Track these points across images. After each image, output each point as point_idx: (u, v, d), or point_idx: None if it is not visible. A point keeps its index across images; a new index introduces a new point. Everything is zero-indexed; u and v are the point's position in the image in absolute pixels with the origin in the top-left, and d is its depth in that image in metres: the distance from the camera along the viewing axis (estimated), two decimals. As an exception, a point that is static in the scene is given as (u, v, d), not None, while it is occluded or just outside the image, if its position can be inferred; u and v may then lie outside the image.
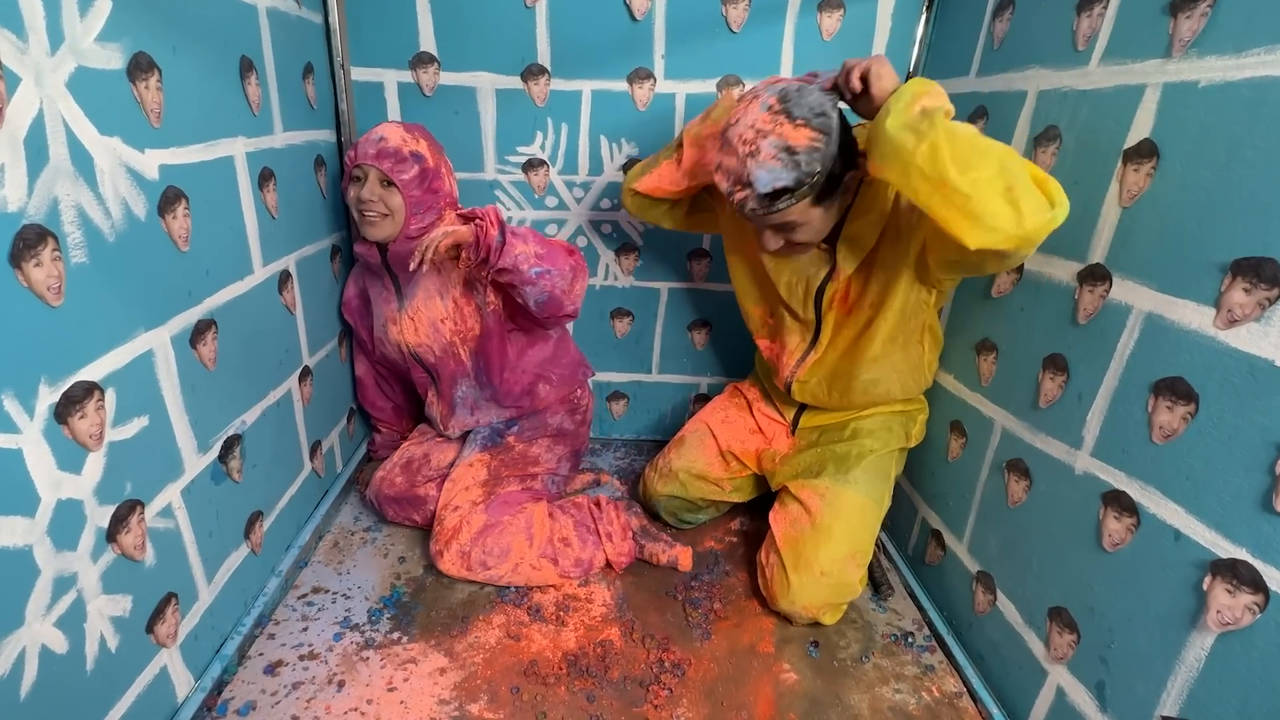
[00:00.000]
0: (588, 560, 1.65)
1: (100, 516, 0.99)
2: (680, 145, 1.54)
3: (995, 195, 1.05)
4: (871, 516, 1.59)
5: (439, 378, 1.78)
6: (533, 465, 1.76)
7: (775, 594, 1.55)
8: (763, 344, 1.75)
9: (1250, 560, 0.89)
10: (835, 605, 1.55)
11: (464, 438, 1.86)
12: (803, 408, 1.77)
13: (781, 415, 1.81)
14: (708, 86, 1.85)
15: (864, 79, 1.19)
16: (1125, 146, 1.12)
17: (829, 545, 1.52)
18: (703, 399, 2.26)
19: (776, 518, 1.64)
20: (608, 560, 1.68)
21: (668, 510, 1.84)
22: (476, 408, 1.78)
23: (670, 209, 1.66)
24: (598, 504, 1.75)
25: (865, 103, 1.21)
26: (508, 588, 1.61)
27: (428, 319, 1.68)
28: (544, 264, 1.46)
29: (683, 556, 1.71)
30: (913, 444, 1.69)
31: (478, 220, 1.45)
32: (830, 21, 1.80)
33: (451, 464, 1.78)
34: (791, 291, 1.57)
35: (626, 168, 1.94)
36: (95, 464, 0.97)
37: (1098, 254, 1.17)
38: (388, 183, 1.55)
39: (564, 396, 1.83)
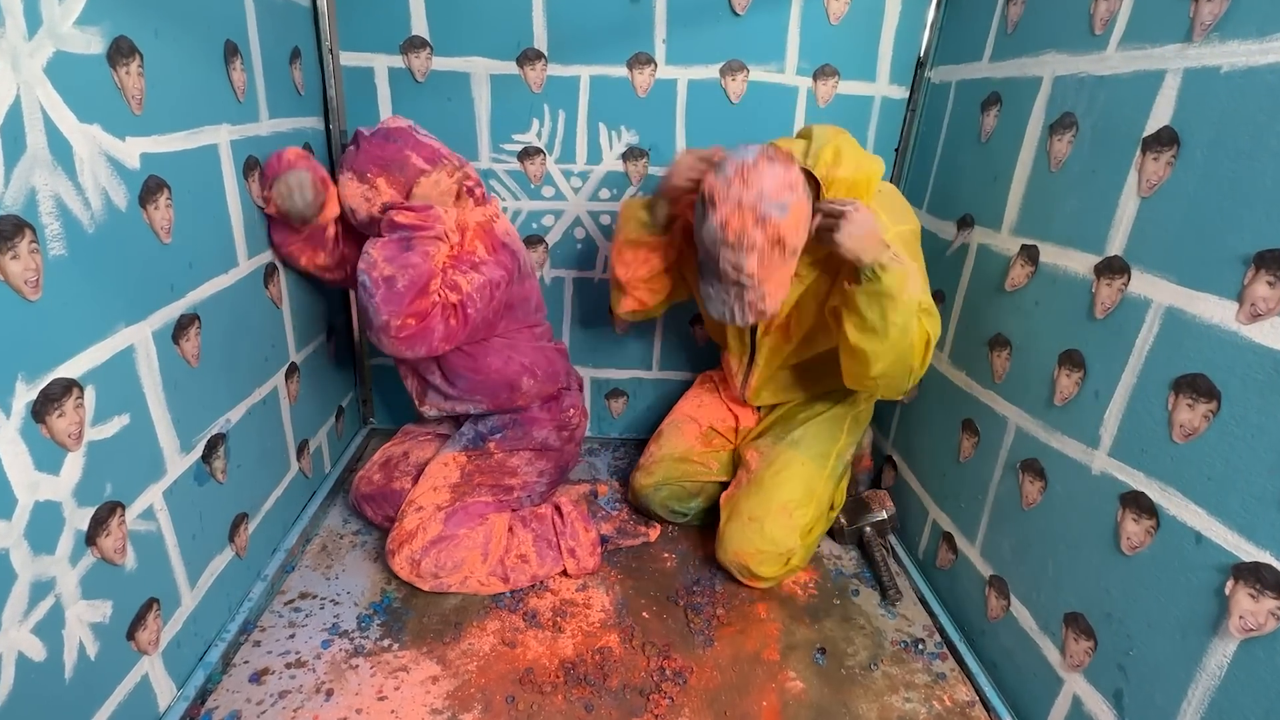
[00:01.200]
0: (544, 576, 1.67)
1: (79, 519, 0.99)
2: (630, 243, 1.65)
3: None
4: (809, 472, 1.68)
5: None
6: (509, 476, 1.74)
7: (715, 548, 1.70)
8: (725, 361, 1.92)
9: (1274, 564, 0.89)
10: (767, 556, 1.62)
11: (446, 437, 1.86)
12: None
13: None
14: (710, 72, 1.85)
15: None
16: (1144, 134, 1.12)
17: (758, 494, 1.64)
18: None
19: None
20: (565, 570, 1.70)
21: (659, 504, 1.87)
22: (450, 397, 1.75)
23: (669, 291, 1.74)
24: (560, 513, 1.74)
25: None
26: (503, 593, 1.62)
27: None
28: (372, 280, 1.40)
29: (651, 532, 1.84)
30: (861, 406, 1.81)
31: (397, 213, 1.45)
32: (838, 4, 1.80)
33: (429, 461, 1.78)
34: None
35: (626, 156, 1.94)
36: (74, 464, 0.97)
37: (1116, 246, 1.17)
38: None
39: (550, 398, 1.80)
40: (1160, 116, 1.09)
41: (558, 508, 1.76)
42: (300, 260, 1.61)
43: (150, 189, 1.11)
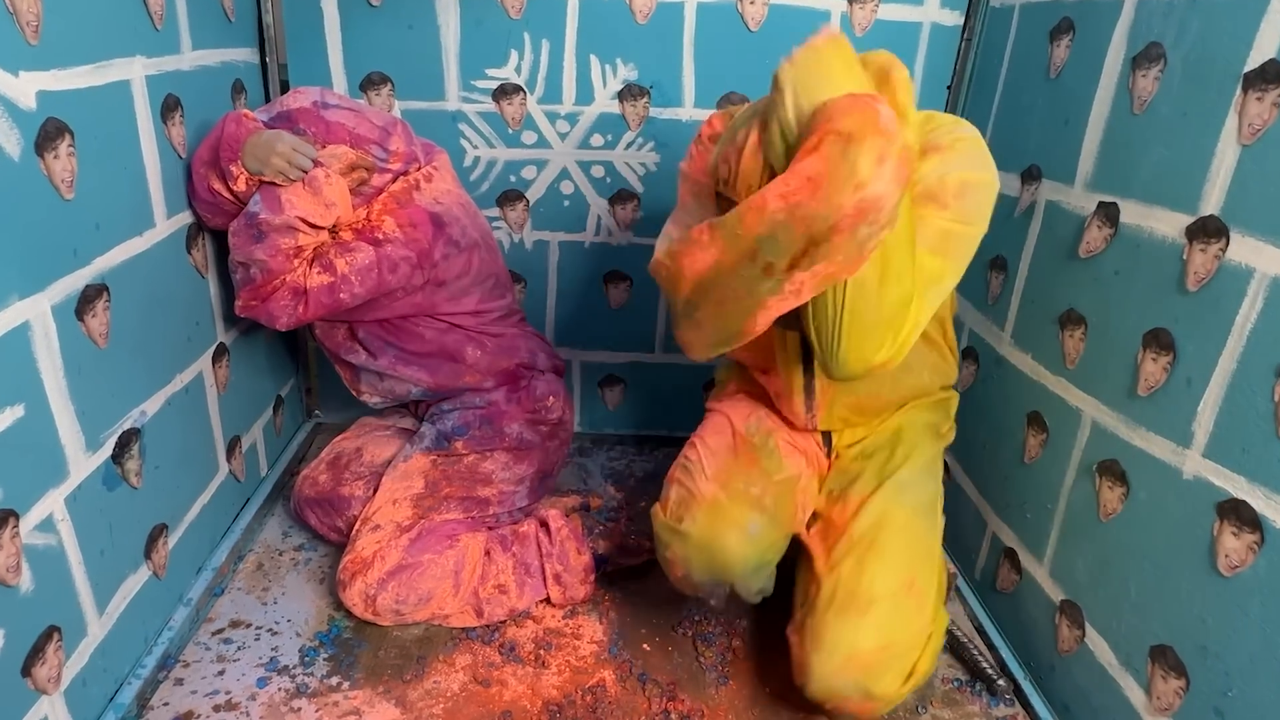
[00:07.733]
0: (524, 609, 1.67)
1: (-34, 529, 1.00)
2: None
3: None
4: (925, 529, 1.44)
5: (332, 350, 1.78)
6: (483, 486, 1.74)
7: (797, 668, 1.39)
8: (766, 380, 1.60)
9: (1397, 584, 0.90)
10: (893, 658, 1.32)
11: (407, 434, 1.86)
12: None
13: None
14: (725, -7, 1.85)
15: None
16: (1246, 69, 1.11)
17: (869, 566, 1.35)
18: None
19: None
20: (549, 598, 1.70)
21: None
22: (386, 376, 1.75)
23: None
24: (547, 529, 1.73)
25: None
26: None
27: None
28: (230, 264, 1.55)
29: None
30: (946, 441, 1.59)
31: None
32: (880, -89, 1.80)
33: (387, 462, 1.77)
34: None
35: (622, 95, 1.93)
36: (-41, 464, 0.98)
37: (1211, 204, 1.17)
38: None
39: (510, 377, 1.79)
40: (1265, 48, 1.09)
41: (545, 523, 1.75)
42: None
43: (49, 134, 1.11)
